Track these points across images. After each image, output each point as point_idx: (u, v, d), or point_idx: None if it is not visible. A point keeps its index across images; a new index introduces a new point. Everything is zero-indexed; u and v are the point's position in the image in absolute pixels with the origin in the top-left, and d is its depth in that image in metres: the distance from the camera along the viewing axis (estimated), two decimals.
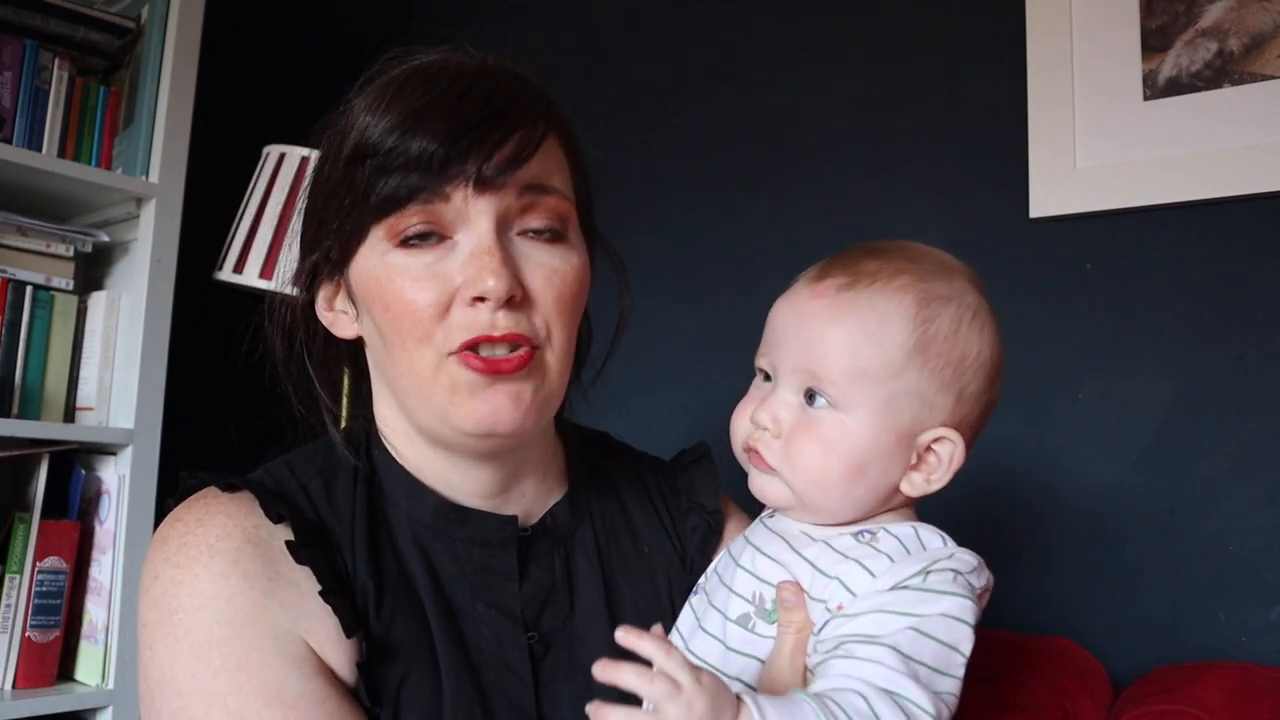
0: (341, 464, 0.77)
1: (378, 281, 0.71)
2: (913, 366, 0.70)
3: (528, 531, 0.79)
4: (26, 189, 1.53)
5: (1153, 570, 1.25)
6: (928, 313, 0.71)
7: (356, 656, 0.69)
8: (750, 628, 0.71)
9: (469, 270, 0.69)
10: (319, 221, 0.75)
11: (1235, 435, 1.21)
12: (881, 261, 0.72)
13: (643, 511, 0.87)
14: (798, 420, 0.71)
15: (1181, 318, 1.26)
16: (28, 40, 1.51)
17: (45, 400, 1.51)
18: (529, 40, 2.05)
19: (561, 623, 0.77)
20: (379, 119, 0.69)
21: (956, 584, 0.66)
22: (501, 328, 0.69)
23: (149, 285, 1.52)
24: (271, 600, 0.68)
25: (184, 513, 0.72)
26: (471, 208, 0.69)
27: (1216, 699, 0.99)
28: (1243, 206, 1.23)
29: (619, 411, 1.37)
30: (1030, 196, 1.37)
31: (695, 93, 1.77)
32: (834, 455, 0.70)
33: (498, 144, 0.69)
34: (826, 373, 0.70)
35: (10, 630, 1.41)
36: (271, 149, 1.65)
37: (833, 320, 0.70)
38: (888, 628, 0.63)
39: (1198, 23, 1.28)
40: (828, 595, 0.67)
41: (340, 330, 0.78)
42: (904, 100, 1.53)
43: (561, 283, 0.72)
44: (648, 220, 1.79)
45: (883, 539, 0.70)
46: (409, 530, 0.76)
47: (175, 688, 0.66)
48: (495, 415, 0.70)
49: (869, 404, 0.70)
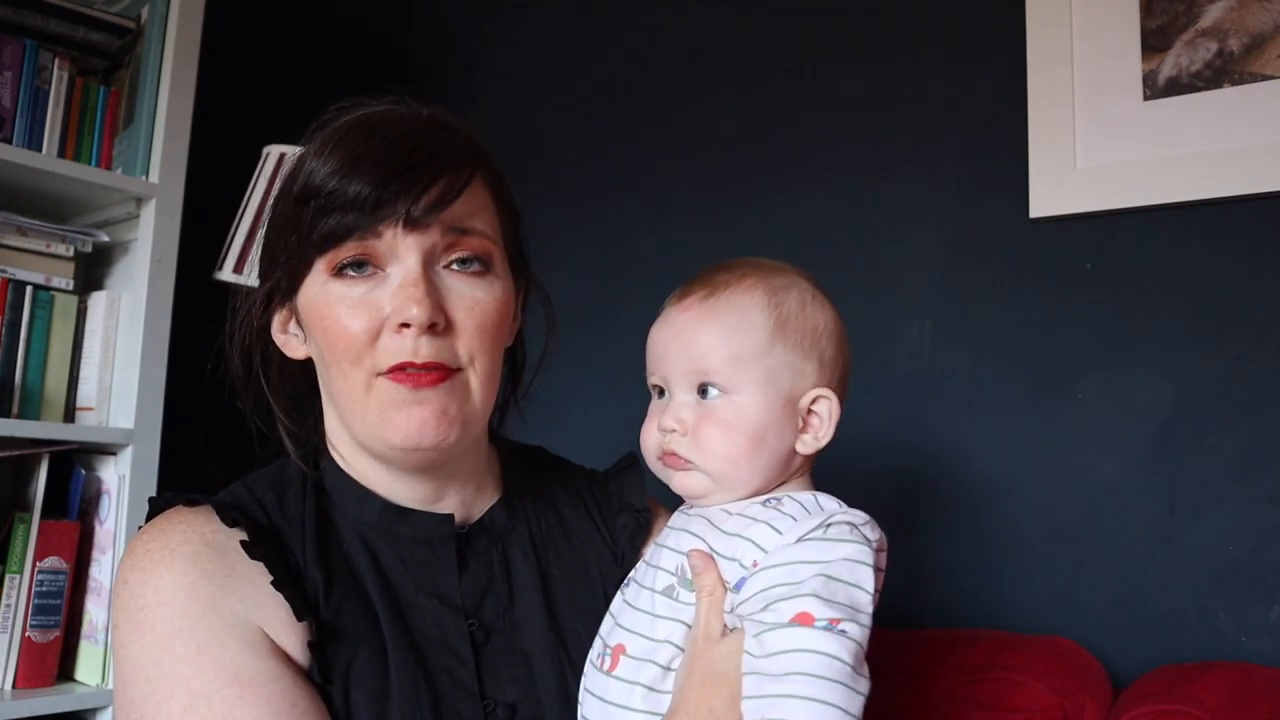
0: (293, 477, 0.86)
1: (318, 308, 0.80)
2: (778, 343, 0.82)
3: (465, 529, 0.87)
4: (26, 189, 1.53)
5: (1153, 570, 1.25)
6: (777, 299, 0.83)
7: (308, 637, 0.76)
8: (674, 596, 0.80)
9: (397, 300, 0.77)
10: (271, 254, 0.84)
11: (1235, 435, 1.21)
12: (729, 272, 0.84)
13: (575, 513, 0.95)
14: (697, 414, 0.82)
15: (1181, 318, 1.26)
16: (28, 40, 1.51)
17: (45, 400, 1.51)
18: (528, 40, 2.05)
19: (502, 612, 0.85)
20: (323, 164, 0.78)
21: (853, 534, 0.76)
22: (423, 355, 0.77)
23: (149, 285, 1.52)
24: (227, 593, 0.75)
25: (150, 527, 0.80)
26: (401, 244, 0.78)
27: (1216, 699, 0.99)
28: (1243, 206, 1.23)
29: (621, 410, 1.37)
30: (1030, 196, 1.37)
31: (695, 92, 1.77)
32: (736, 431, 0.81)
33: (424, 188, 0.77)
34: (710, 365, 0.81)
35: (10, 630, 1.41)
36: (271, 149, 1.65)
37: (703, 323, 0.82)
38: (800, 575, 0.73)
39: (1198, 23, 1.28)
40: (740, 554, 0.77)
41: (291, 351, 0.86)
42: (904, 100, 1.53)
43: (483, 313, 0.81)
44: (648, 220, 1.79)
45: (786, 503, 0.80)
46: (355, 531, 0.84)
47: (144, 675, 0.73)
48: (421, 429, 0.78)
49: (752, 381, 0.81)
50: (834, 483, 0.93)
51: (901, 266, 1.50)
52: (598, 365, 1.72)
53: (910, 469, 1.44)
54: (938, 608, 1.38)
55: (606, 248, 1.84)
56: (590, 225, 1.87)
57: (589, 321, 1.79)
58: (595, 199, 1.88)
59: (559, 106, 1.97)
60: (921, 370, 1.46)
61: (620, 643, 0.80)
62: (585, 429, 1.72)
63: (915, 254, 1.48)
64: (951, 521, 1.40)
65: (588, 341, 1.77)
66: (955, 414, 1.42)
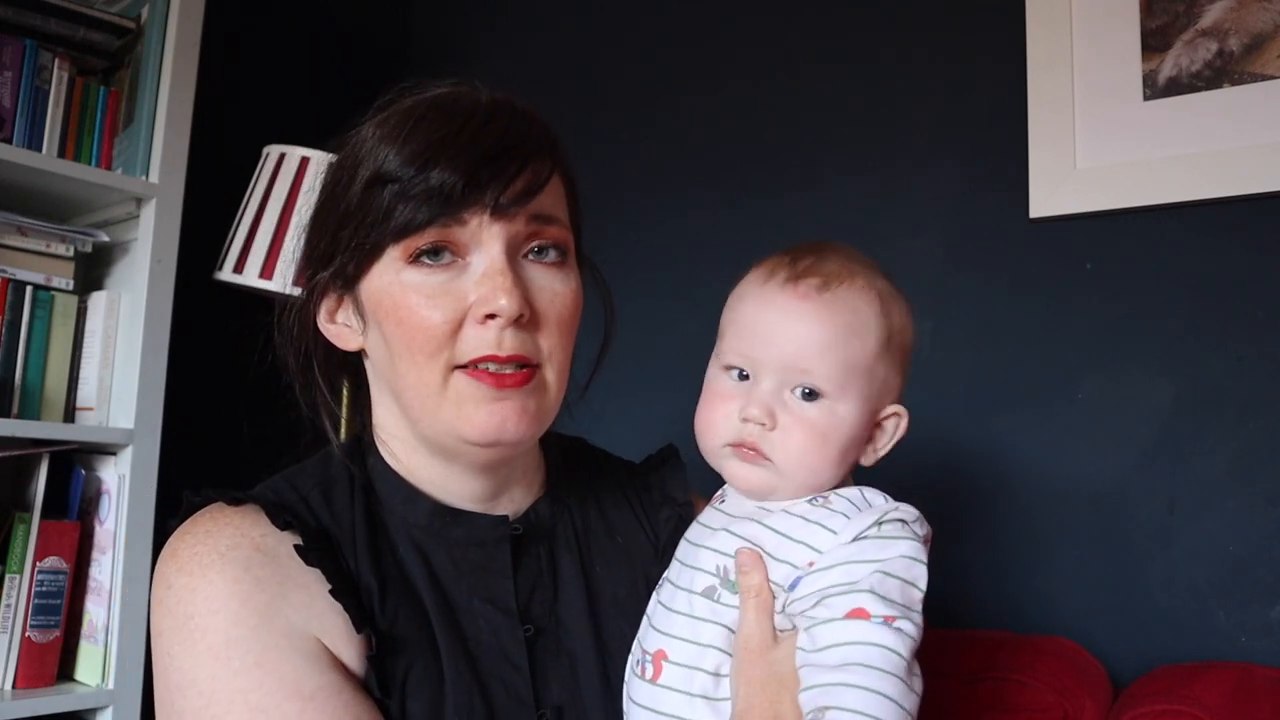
0: (338, 474, 0.82)
1: (392, 297, 0.75)
2: (884, 356, 0.79)
3: (520, 530, 0.83)
4: (26, 189, 1.53)
5: (1153, 570, 1.25)
6: (886, 308, 0.80)
7: (366, 650, 0.73)
8: (716, 599, 0.77)
9: (482, 289, 0.74)
10: (332, 240, 0.78)
11: (1235, 435, 1.21)
12: (835, 262, 0.80)
13: (617, 507, 0.92)
14: (790, 412, 0.77)
15: (1181, 318, 1.26)
16: (28, 40, 1.51)
17: (45, 400, 1.51)
18: (528, 40, 2.05)
19: (547, 610, 0.82)
20: (399, 148, 0.74)
21: (906, 530, 0.75)
22: (508, 348, 0.74)
23: (149, 285, 1.52)
24: (283, 602, 0.72)
25: (192, 526, 0.75)
26: (486, 232, 0.75)
27: (1216, 699, 0.99)
28: (1243, 206, 1.23)
29: (619, 412, 1.37)
30: (1030, 196, 1.37)
31: (695, 92, 1.77)
32: (829, 442, 0.77)
33: (512, 177, 0.74)
34: (821, 368, 0.76)
35: (10, 630, 1.41)
36: (271, 149, 1.65)
37: (819, 320, 0.77)
38: (857, 575, 0.71)
39: (1198, 23, 1.28)
40: (794, 557, 0.75)
41: (343, 343, 0.82)
42: (904, 100, 1.53)
43: (562, 305, 0.79)
44: (648, 220, 1.79)
45: (834, 500, 0.77)
46: (405, 533, 0.80)
47: (197, 688, 0.69)
48: (502, 426, 0.75)
49: (856, 393, 0.78)
50: None
51: (901, 267, 1.48)
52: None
53: (910, 469, 1.44)
54: (938, 608, 1.37)
55: (606, 248, 1.84)
56: (589, 225, 1.87)
57: (588, 322, 1.79)
58: (594, 199, 1.87)
59: (558, 107, 1.96)
60: (921, 370, 1.45)
61: (661, 648, 0.77)
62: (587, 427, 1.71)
63: (915, 254, 1.48)
64: (952, 521, 1.40)
65: (586, 342, 1.77)
66: (955, 414, 1.42)
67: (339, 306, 0.81)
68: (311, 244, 0.82)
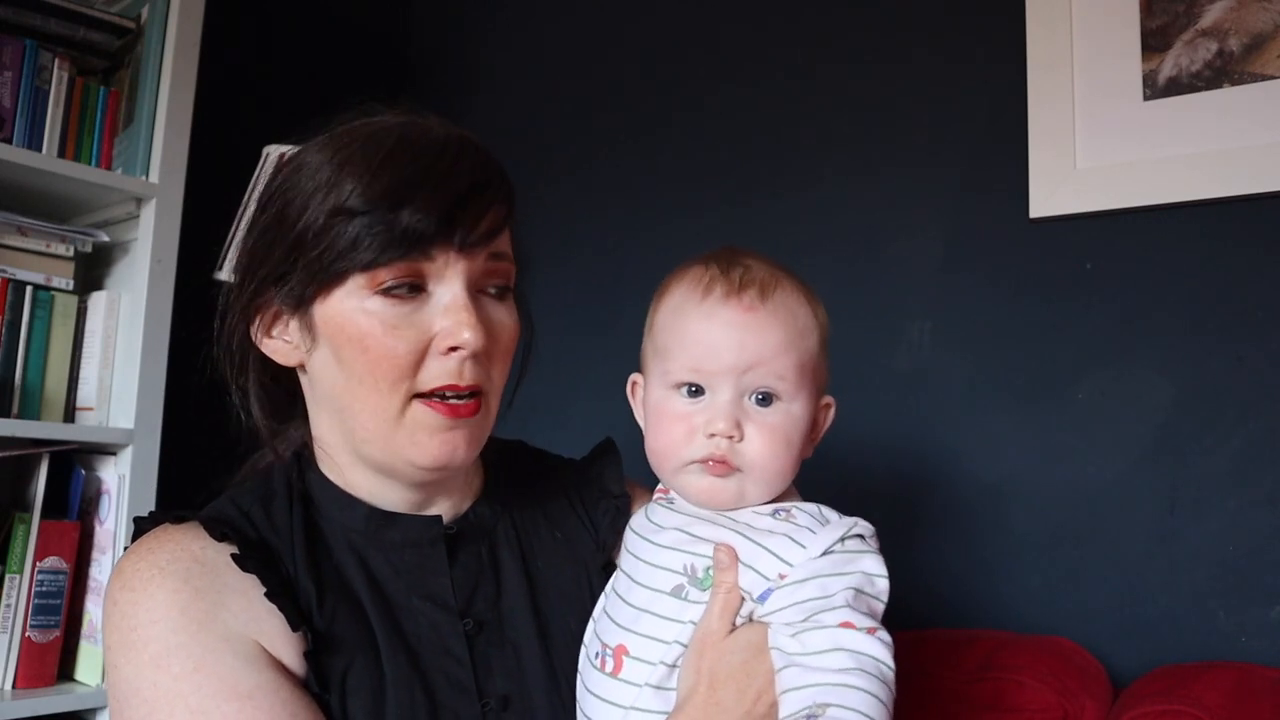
0: (278, 488, 0.85)
1: (356, 325, 0.77)
2: (821, 351, 0.83)
3: (453, 529, 0.87)
4: (26, 189, 1.53)
5: (1153, 570, 1.25)
6: (814, 306, 0.84)
7: (303, 648, 0.76)
8: (684, 596, 0.79)
9: (447, 322, 0.77)
10: (287, 261, 0.79)
11: (1235, 435, 1.21)
12: (763, 269, 0.83)
13: (557, 504, 0.96)
14: (752, 420, 0.80)
15: (1181, 318, 1.26)
16: (28, 40, 1.51)
17: (45, 400, 1.51)
18: (528, 40, 2.05)
19: (490, 605, 0.86)
20: (366, 183, 0.76)
21: (865, 545, 0.79)
22: (468, 378, 0.79)
23: (149, 285, 1.52)
24: (221, 609, 0.75)
25: (137, 546, 0.79)
26: (450, 269, 0.78)
27: (1216, 699, 0.99)
28: (1243, 206, 1.23)
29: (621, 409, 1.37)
30: (1030, 196, 1.37)
31: (694, 92, 1.77)
32: (791, 442, 0.81)
33: (477, 219, 0.78)
34: (777, 372, 0.79)
35: (10, 630, 1.41)
36: (271, 149, 1.65)
37: (770, 327, 0.80)
38: (831, 589, 0.75)
39: (1198, 23, 1.28)
40: (761, 565, 0.77)
41: (281, 357, 0.84)
42: (904, 100, 1.53)
43: (507, 336, 0.83)
44: (647, 221, 1.79)
45: (797, 515, 0.80)
46: (343, 538, 0.84)
47: (140, 696, 0.73)
48: (452, 454, 0.79)
49: (805, 391, 0.81)
50: (833, 483, 0.93)
51: (901, 267, 1.50)
52: (598, 364, 1.72)
53: (910, 469, 1.44)
54: (938, 608, 1.38)
55: (606, 248, 1.84)
56: (590, 225, 1.87)
57: (589, 321, 1.79)
58: (594, 199, 1.88)
59: (558, 107, 1.97)
60: (921, 370, 1.46)
61: (621, 643, 0.79)
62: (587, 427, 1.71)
63: (915, 254, 1.48)
64: (952, 521, 1.40)
65: (588, 341, 1.77)
66: (955, 414, 1.42)
67: (277, 321, 0.82)
68: (256, 258, 0.82)
